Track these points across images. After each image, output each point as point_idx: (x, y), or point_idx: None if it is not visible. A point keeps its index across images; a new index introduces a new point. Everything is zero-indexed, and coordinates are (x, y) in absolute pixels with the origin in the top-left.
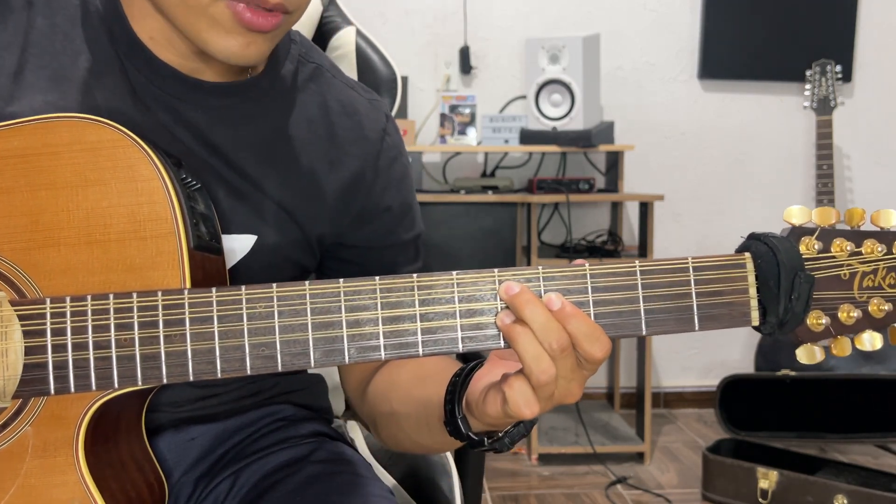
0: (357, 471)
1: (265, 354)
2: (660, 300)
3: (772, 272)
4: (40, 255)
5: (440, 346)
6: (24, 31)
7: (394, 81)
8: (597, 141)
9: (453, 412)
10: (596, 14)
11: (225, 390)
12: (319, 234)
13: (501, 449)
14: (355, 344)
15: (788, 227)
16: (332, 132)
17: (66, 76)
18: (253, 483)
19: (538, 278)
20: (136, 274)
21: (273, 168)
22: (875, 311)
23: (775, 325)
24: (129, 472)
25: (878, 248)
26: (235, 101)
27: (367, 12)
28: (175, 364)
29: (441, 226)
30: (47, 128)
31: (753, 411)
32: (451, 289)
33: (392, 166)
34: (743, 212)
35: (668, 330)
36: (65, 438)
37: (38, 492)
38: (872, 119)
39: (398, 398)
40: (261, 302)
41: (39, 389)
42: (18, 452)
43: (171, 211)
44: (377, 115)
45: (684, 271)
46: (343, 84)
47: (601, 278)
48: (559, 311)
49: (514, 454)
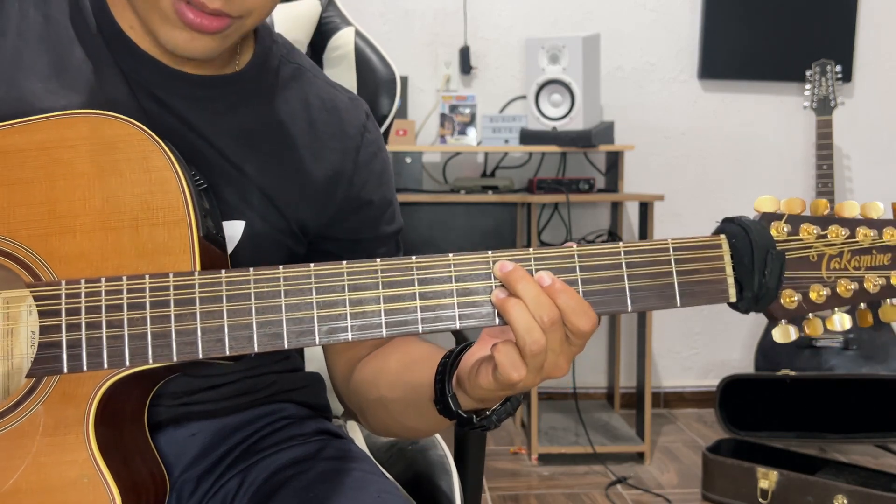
0: (365, 468)
1: (271, 332)
2: (643, 279)
3: (745, 250)
4: (57, 241)
5: (438, 324)
6: (18, 19)
7: (393, 82)
8: (597, 141)
9: (443, 390)
10: (596, 14)
11: (224, 381)
12: (301, 220)
13: (489, 426)
14: (358, 322)
15: (759, 214)
16: (313, 126)
17: (65, 66)
18: (263, 480)
19: (530, 259)
20: (148, 259)
21: (253, 154)
22: (843, 290)
23: (751, 301)
24: (134, 460)
25: (843, 233)
26: (216, 93)
27: (366, 12)
28: (185, 342)
29: (441, 226)
30: (66, 123)
31: (753, 411)
32: (448, 269)
33: (372, 161)
34: (743, 212)
35: (652, 306)
36: (76, 417)
37: (48, 469)
38: (872, 119)
39: (386, 384)
40: (268, 282)
41: (53, 368)
42: (30, 431)
43: (182, 199)
44: (357, 112)
45: (665, 251)
46: (324, 83)
47: (588, 258)
48: (549, 287)
49: (514, 454)
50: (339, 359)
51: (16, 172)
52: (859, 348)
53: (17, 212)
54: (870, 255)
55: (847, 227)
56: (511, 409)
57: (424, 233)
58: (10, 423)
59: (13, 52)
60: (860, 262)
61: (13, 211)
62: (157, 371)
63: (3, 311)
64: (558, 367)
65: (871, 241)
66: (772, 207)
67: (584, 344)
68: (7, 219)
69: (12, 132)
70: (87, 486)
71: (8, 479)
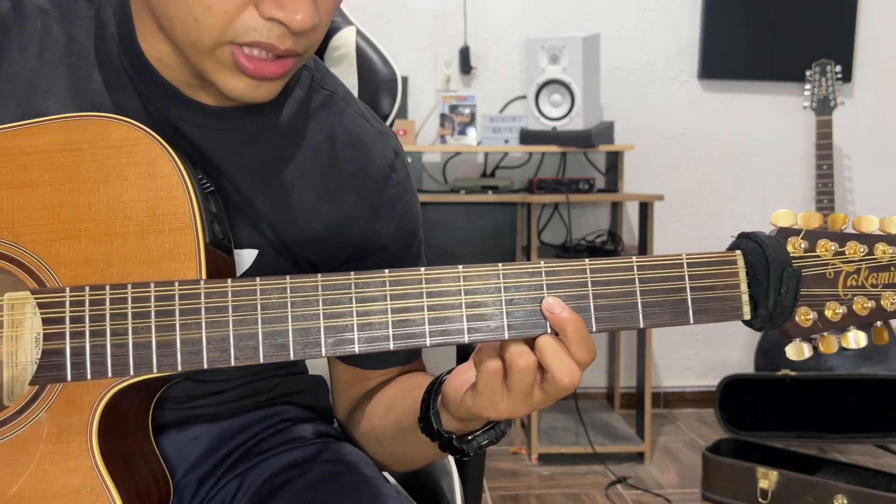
0: (365, 471)
1: (277, 343)
2: (656, 294)
3: (761, 267)
4: (61, 246)
5: (446, 337)
6: (40, 37)
7: (394, 81)
8: (597, 141)
9: (428, 408)
10: (596, 14)
11: (227, 387)
12: (310, 260)
13: (468, 451)
14: (365, 334)
15: (775, 228)
16: (335, 163)
17: (83, 90)
18: (261, 483)
19: (541, 273)
20: (153, 265)
21: (266, 190)
22: (859, 308)
23: (765, 318)
24: (138, 465)
25: (861, 249)
26: (234, 125)
27: (367, 12)
28: (190, 352)
29: (441, 226)
30: (72, 126)
31: (753, 411)
32: (457, 282)
33: (394, 204)
34: (743, 211)
35: (665, 323)
36: (79, 425)
37: (51, 477)
38: (872, 119)
39: (379, 413)
40: (274, 292)
41: (56, 375)
42: (33, 438)
43: (189, 205)
44: (385, 150)
45: (679, 267)
46: (355, 113)
47: (601, 273)
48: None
49: (514, 454)
50: (343, 397)
51: (20, 175)
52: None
53: (21, 216)
54: (888, 272)
55: (865, 244)
56: (494, 438)
57: (424, 233)
58: (13, 430)
59: (31, 73)
60: (878, 279)
61: (18, 215)
62: (161, 377)
63: (8, 316)
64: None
65: (890, 257)
66: (788, 222)
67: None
68: (11, 222)
69: (17, 134)
70: (90, 495)
71: (12, 486)
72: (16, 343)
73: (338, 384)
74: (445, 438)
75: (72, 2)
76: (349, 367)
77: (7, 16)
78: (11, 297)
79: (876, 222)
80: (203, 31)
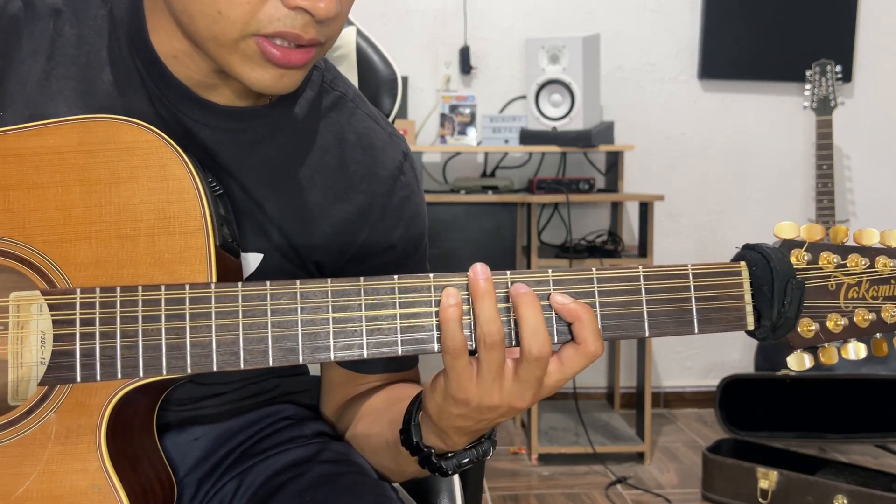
0: (364, 471)
1: (287, 347)
2: (661, 304)
3: (766, 279)
4: (72, 247)
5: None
6: (51, 38)
7: (394, 81)
8: (597, 141)
9: (409, 420)
10: (596, 14)
11: (228, 389)
12: (318, 261)
13: (446, 469)
14: (374, 339)
15: (779, 240)
16: (344, 164)
17: (93, 91)
18: (260, 483)
19: (548, 281)
20: (163, 268)
21: (274, 192)
22: (860, 320)
23: (769, 329)
24: (144, 466)
25: (862, 262)
26: (244, 125)
27: (367, 12)
28: (200, 354)
29: (441, 226)
30: (84, 127)
31: (753, 411)
32: (466, 290)
33: (402, 206)
34: (743, 211)
35: (669, 332)
36: (88, 426)
37: (59, 477)
38: (872, 119)
39: (367, 422)
40: (284, 297)
41: (66, 376)
42: (41, 439)
43: (200, 209)
44: (394, 153)
45: (684, 277)
46: (364, 115)
47: (607, 282)
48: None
49: (514, 454)
50: (332, 397)
51: (31, 176)
52: None
53: (32, 216)
54: (888, 284)
55: (867, 257)
56: (475, 457)
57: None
58: (22, 431)
59: (41, 76)
60: (878, 291)
61: (29, 215)
62: (167, 379)
63: (13, 317)
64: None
65: (890, 271)
66: (792, 234)
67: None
68: (23, 223)
69: (29, 135)
70: (97, 495)
71: (20, 486)
72: (21, 343)
73: (328, 384)
74: (424, 453)
75: (85, 1)
76: (343, 368)
77: (19, 16)
78: (18, 296)
79: (877, 235)
80: (227, 24)
